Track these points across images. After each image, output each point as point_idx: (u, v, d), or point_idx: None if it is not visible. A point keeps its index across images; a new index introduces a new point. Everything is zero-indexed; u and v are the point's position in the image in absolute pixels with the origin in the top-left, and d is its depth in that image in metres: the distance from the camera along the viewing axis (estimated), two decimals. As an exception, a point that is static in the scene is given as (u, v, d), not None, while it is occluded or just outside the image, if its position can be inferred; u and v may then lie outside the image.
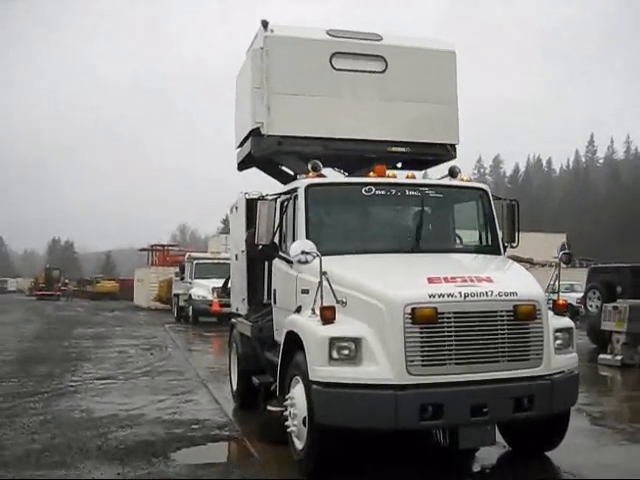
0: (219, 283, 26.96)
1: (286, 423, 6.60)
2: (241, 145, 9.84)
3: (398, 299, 5.81)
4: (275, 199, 7.75)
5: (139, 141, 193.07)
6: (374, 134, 8.97)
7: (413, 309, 5.74)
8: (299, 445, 6.43)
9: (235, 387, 9.89)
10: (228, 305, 26.84)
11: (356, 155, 9.18)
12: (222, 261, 29.56)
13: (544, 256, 30.13)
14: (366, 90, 8.99)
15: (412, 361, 5.72)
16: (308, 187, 7.27)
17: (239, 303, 9.99)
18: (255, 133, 8.83)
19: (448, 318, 5.80)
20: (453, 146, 9.40)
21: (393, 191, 7.44)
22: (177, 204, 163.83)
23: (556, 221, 65.05)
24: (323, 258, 6.09)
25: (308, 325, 6.18)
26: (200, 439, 8.02)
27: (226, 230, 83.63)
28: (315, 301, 6.19)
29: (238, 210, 10.18)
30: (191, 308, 27.72)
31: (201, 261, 29.44)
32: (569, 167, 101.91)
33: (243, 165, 10.15)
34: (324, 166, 9.58)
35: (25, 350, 17.52)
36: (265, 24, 8.83)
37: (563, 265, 7.12)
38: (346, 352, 5.86)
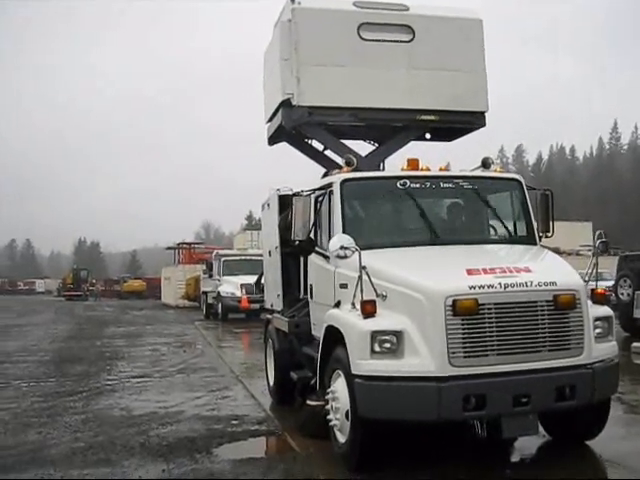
0: (247, 280, 27.38)
1: (328, 417, 6.65)
2: (270, 120, 10.00)
3: (439, 291, 5.83)
4: (309, 195, 7.79)
5: (161, 143, 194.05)
6: (403, 103, 9.09)
7: (454, 301, 5.76)
8: (342, 438, 6.49)
9: (272, 383, 9.96)
10: (257, 301, 27.40)
11: (385, 125, 9.33)
12: (249, 257, 29.83)
13: (570, 245, 29.93)
14: (394, 60, 9.10)
15: (454, 353, 5.75)
16: (343, 182, 7.31)
17: (274, 299, 10.06)
18: (285, 104, 8.97)
19: (489, 309, 5.82)
20: (482, 114, 9.50)
21: (428, 184, 7.46)
22: (200, 203, 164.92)
23: (581, 209, 64.49)
24: (361, 252, 6.14)
25: (349, 319, 6.23)
26: (241, 434, 8.10)
27: (251, 226, 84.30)
28: (355, 295, 6.24)
29: (270, 207, 10.25)
30: (220, 305, 27.86)
31: (229, 258, 29.56)
32: (592, 154, 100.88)
33: (273, 139, 10.33)
34: (353, 138, 9.71)
35: (59, 350, 17.74)
36: None
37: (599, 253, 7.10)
38: (388, 345, 5.90)
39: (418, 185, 7.41)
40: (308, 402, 7.69)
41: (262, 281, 11.58)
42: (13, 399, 10.57)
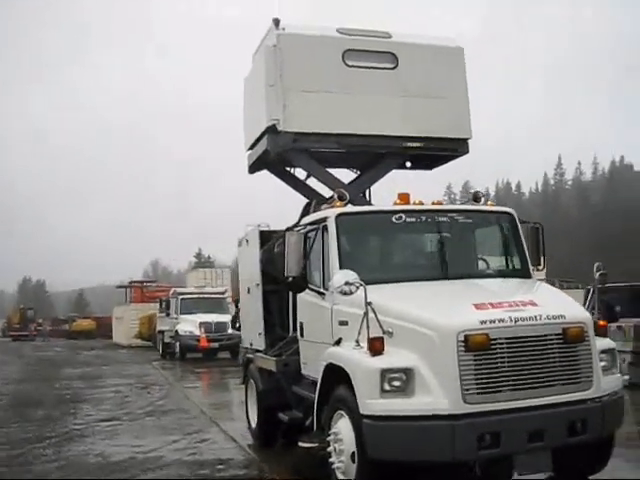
0: (206, 318, 27.05)
1: (330, 460, 6.40)
2: (252, 147, 9.87)
3: (450, 327, 5.69)
4: (302, 230, 7.61)
5: (108, 180, 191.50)
6: (388, 130, 9.09)
7: (466, 336, 5.61)
8: (345, 482, 6.23)
9: (254, 424, 9.62)
10: (215, 340, 26.94)
11: (368, 152, 9.29)
12: (207, 296, 29.46)
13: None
14: (378, 86, 9.11)
15: (467, 389, 5.58)
16: (338, 217, 7.15)
17: (254, 337, 9.78)
18: (271, 130, 8.83)
19: (500, 344, 5.69)
20: (465, 140, 9.53)
21: (423, 218, 7.36)
22: (147, 240, 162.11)
23: (530, 243, 65.45)
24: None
25: (355, 357, 6.01)
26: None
27: (200, 264, 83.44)
28: (360, 333, 6.04)
29: (250, 243, 10.04)
30: (178, 344, 27.27)
31: (187, 296, 29.11)
32: (538, 190, 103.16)
33: (254, 167, 10.18)
34: (335, 166, 9.64)
35: (15, 393, 17.09)
36: (277, 22, 8.95)
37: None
38: (398, 383, 5.71)
39: (414, 219, 7.31)
40: (300, 444, 7.39)
41: (239, 319, 11.28)
42: (-24, 447, 10.00)
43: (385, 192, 9.83)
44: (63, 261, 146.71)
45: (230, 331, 26.95)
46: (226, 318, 27.64)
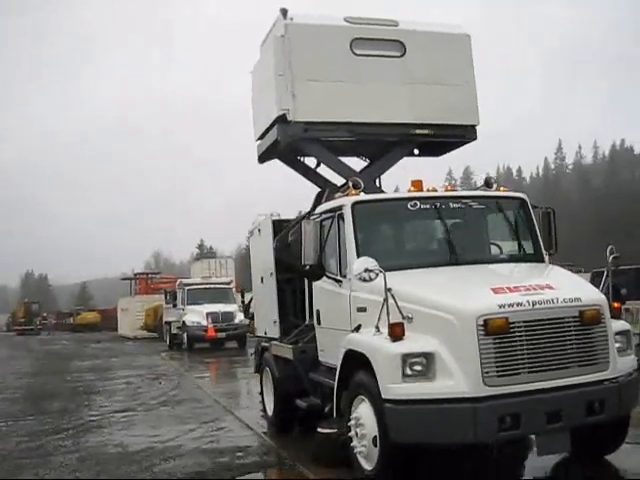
0: (213, 308, 27.18)
1: (351, 444, 6.51)
2: (262, 137, 9.92)
3: (470, 311, 5.78)
4: (318, 218, 7.69)
5: (110, 173, 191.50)
6: (398, 117, 9.16)
7: (485, 320, 5.71)
8: (368, 466, 6.34)
9: (271, 412, 9.73)
10: (223, 330, 27.12)
11: (378, 140, 9.37)
12: (213, 286, 29.56)
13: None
14: (387, 74, 9.17)
15: (488, 372, 5.69)
16: (354, 205, 7.23)
17: (268, 326, 9.89)
18: (281, 120, 8.90)
19: (519, 327, 5.79)
20: (473, 127, 9.60)
21: (437, 204, 7.44)
22: (148, 232, 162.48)
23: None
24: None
25: (376, 343, 6.11)
26: (251, 467, 7.88)
27: (202, 255, 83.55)
28: (380, 318, 6.14)
29: (262, 232, 10.13)
30: (185, 335, 27.42)
31: (193, 287, 29.20)
32: (539, 175, 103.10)
33: (264, 157, 10.24)
34: (345, 155, 9.70)
35: (29, 387, 17.18)
36: (284, 12, 8.98)
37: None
38: (419, 368, 5.81)
39: (428, 206, 7.40)
40: (319, 430, 7.51)
41: (251, 308, 11.38)
42: (-5, 440, 10.12)
43: (387, 179, 9.94)
44: (65, 255, 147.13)
45: (237, 321, 27.17)
46: (233, 308, 27.82)
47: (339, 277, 7.27)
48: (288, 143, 9.09)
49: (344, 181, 8.97)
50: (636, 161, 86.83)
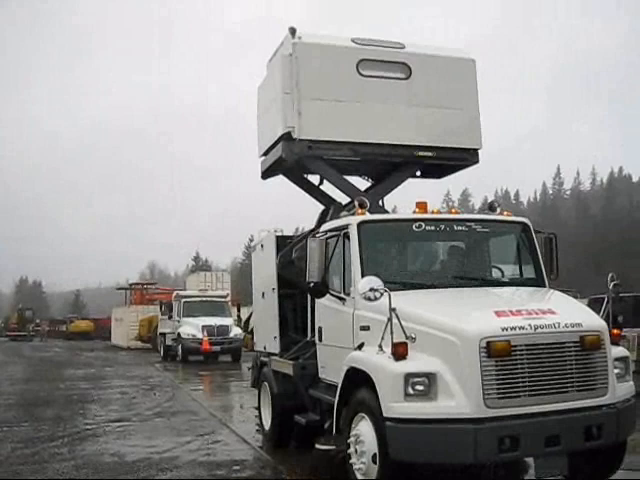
0: (208, 321, 27.22)
1: (350, 461, 6.56)
2: (266, 153, 9.98)
3: (473, 333, 5.86)
4: (324, 236, 7.77)
5: (105, 182, 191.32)
6: (401, 139, 9.24)
7: (488, 342, 5.79)
8: (366, 483, 6.39)
9: (268, 426, 9.77)
10: (217, 343, 27.14)
11: (381, 161, 9.43)
12: (210, 299, 29.60)
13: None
14: (392, 96, 9.27)
15: (489, 394, 5.76)
16: (361, 224, 7.31)
17: (269, 341, 9.95)
18: (286, 138, 8.98)
19: (521, 350, 5.87)
20: (476, 150, 9.70)
21: (442, 226, 7.54)
22: (143, 243, 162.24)
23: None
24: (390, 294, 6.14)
25: (379, 362, 6.17)
26: (249, 480, 7.94)
27: (198, 267, 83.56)
28: (383, 338, 6.20)
29: (265, 248, 10.21)
30: (180, 347, 27.42)
31: (189, 299, 29.24)
32: (536, 199, 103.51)
33: (267, 173, 10.29)
34: (348, 174, 9.80)
35: (22, 393, 17.16)
36: (293, 31, 9.08)
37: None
38: (421, 388, 5.88)
39: (433, 227, 7.49)
40: (317, 446, 7.56)
41: (251, 323, 11.42)
42: (-9, 446, 10.12)
43: (386, 199, 10.00)
44: (60, 262, 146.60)
45: (232, 334, 27.24)
46: (228, 322, 27.88)
47: (343, 295, 7.34)
48: (295, 160, 9.18)
49: (349, 200, 9.08)
50: (634, 189, 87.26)
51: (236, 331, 27.69)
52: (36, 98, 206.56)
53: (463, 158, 9.69)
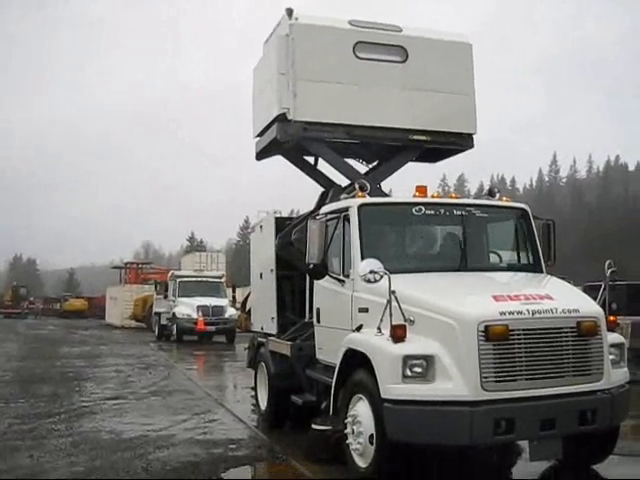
0: (203, 301, 27.30)
1: (347, 441, 6.64)
2: (261, 134, 9.95)
3: (472, 317, 5.92)
4: (324, 218, 7.80)
5: (102, 162, 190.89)
6: (396, 122, 9.23)
7: (486, 326, 5.85)
8: (362, 463, 6.47)
9: (264, 406, 9.85)
10: (212, 324, 27.29)
11: (378, 144, 9.46)
12: (205, 279, 29.66)
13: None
14: (388, 79, 9.25)
15: (486, 377, 5.83)
16: (361, 207, 7.34)
17: (266, 322, 10.00)
18: (281, 119, 8.96)
19: (518, 335, 5.94)
20: (471, 135, 9.71)
21: (442, 211, 7.58)
22: (138, 223, 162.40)
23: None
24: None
25: (377, 343, 6.23)
26: (245, 459, 7.98)
27: (193, 247, 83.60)
28: (382, 320, 6.25)
29: (264, 229, 10.24)
30: (175, 327, 27.49)
31: (185, 279, 29.25)
32: (532, 186, 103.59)
33: (262, 154, 10.26)
34: (345, 156, 9.81)
35: (18, 370, 17.21)
36: (290, 12, 9.03)
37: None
38: (419, 370, 5.94)
39: (432, 212, 7.53)
40: (314, 426, 7.65)
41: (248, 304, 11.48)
42: (-13, 421, 10.16)
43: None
44: (54, 240, 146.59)
45: (227, 315, 27.35)
46: (224, 302, 27.96)
47: (342, 277, 7.38)
48: (294, 142, 9.17)
49: (348, 182, 9.10)
50: (630, 178, 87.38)
51: (231, 312, 27.78)
52: (38, 82, 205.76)
53: (457, 142, 9.69)
